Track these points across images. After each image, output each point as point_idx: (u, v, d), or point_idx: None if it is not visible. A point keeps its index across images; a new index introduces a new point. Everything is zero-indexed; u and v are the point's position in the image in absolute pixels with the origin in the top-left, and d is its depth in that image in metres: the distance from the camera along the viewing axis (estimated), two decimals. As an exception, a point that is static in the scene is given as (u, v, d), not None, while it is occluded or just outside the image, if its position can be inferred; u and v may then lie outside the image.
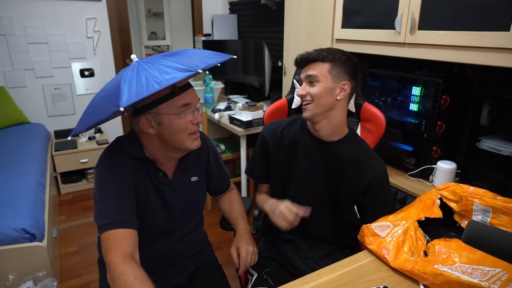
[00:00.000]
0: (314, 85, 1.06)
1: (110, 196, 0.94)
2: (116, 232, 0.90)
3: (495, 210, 0.93)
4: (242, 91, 3.17)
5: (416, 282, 0.85)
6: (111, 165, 0.97)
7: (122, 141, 1.02)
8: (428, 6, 1.33)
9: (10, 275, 1.51)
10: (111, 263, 0.85)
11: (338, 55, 1.06)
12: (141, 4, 5.07)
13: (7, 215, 1.61)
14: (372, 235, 0.99)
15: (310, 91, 1.06)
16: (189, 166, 1.12)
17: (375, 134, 1.37)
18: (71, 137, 0.90)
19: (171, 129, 0.95)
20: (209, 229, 1.36)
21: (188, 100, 0.95)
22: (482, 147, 1.30)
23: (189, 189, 1.12)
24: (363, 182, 1.11)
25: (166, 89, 0.91)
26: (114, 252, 0.86)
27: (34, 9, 2.94)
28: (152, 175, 1.03)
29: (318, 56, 1.05)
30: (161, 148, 1.01)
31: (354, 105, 1.41)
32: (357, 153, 1.13)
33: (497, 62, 1.14)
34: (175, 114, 0.93)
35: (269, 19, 2.98)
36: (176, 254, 1.13)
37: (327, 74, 1.05)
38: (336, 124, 1.11)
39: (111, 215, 0.91)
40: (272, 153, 1.22)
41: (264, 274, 1.14)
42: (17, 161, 2.24)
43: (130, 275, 0.83)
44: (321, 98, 1.06)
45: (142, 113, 0.93)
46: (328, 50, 1.07)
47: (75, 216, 2.67)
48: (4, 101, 2.91)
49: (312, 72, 1.06)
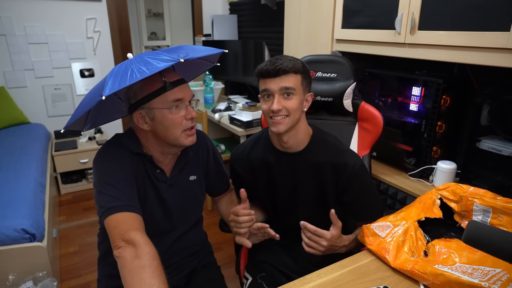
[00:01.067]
0: (291, 98, 1.01)
1: (118, 180, 0.93)
2: (132, 215, 0.89)
3: (495, 210, 0.93)
4: (242, 91, 3.17)
5: (416, 282, 0.85)
6: (113, 155, 0.98)
7: (120, 137, 1.03)
8: (428, 6, 1.33)
9: (10, 275, 1.51)
10: (139, 240, 0.83)
11: (304, 66, 1.03)
12: (141, 4, 5.07)
13: (7, 215, 1.61)
14: (372, 235, 0.99)
15: (286, 105, 1.00)
16: (187, 164, 1.12)
17: (373, 134, 1.37)
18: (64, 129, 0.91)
19: (164, 124, 0.95)
20: (209, 230, 1.36)
21: (180, 95, 0.95)
22: (482, 147, 1.30)
23: (187, 187, 1.12)
24: (341, 180, 1.08)
25: (158, 84, 0.92)
26: (139, 231, 0.86)
27: (34, 9, 2.94)
28: (149, 172, 1.03)
29: (294, 67, 0.99)
30: (156, 145, 1.02)
31: (351, 104, 1.41)
32: (327, 154, 1.10)
33: (497, 62, 1.14)
34: (167, 108, 0.94)
35: (269, 19, 2.98)
36: (172, 253, 1.12)
37: (300, 86, 1.02)
38: (303, 133, 1.09)
39: (123, 198, 0.90)
40: (247, 179, 1.20)
41: (258, 278, 1.14)
42: (17, 161, 2.24)
43: (156, 258, 0.83)
44: (296, 112, 1.02)
45: (136, 108, 0.94)
46: (294, 59, 1.02)
47: (75, 216, 2.67)
48: (4, 101, 2.91)
49: (289, 85, 1.00)
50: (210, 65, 1.23)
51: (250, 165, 1.17)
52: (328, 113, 1.46)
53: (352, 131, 1.42)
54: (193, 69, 1.21)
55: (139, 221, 0.90)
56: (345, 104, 1.40)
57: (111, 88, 0.78)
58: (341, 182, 1.09)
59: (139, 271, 0.79)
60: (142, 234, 0.86)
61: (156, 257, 0.84)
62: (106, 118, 1.12)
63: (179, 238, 1.13)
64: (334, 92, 1.40)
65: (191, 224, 1.17)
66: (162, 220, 1.08)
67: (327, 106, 1.43)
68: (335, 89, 1.40)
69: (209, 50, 0.99)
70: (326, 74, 1.46)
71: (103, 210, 0.90)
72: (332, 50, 1.86)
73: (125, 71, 0.82)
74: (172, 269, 1.13)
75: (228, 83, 3.32)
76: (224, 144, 2.86)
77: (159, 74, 0.92)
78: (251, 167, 1.17)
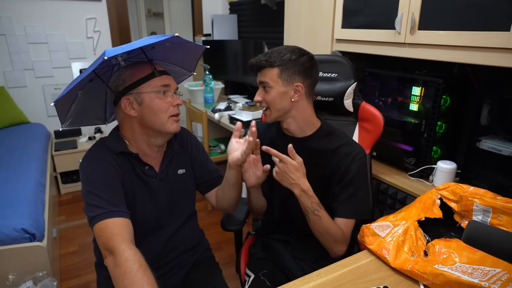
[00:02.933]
0: (268, 91, 1.09)
1: (100, 189, 0.94)
2: (113, 221, 0.90)
3: (495, 210, 0.93)
4: (242, 91, 3.17)
5: (416, 282, 0.85)
6: (95, 161, 0.99)
7: (104, 140, 1.05)
8: (428, 6, 1.33)
9: (10, 275, 1.51)
10: (116, 248, 0.85)
11: (286, 57, 1.06)
12: (141, 4, 5.07)
13: (7, 215, 1.61)
14: (372, 235, 0.99)
15: (264, 97, 1.10)
16: (174, 158, 1.14)
17: (373, 134, 1.37)
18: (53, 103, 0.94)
19: (152, 108, 0.99)
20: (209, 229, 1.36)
21: (167, 81, 1.02)
22: (482, 147, 1.30)
23: (177, 181, 1.13)
24: (341, 170, 1.10)
25: (147, 70, 1.00)
26: (117, 238, 0.87)
27: (34, 9, 2.94)
28: (137, 169, 1.04)
29: (267, 63, 1.06)
30: (143, 134, 1.03)
31: (352, 104, 1.41)
32: (332, 143, 1.13)
33: (497, 62, 1.14)
34: (155, 92, 0.99)
35: (269, 19, 2.98)
36: (169, 250, 1.12)
37: (277, 79, 1.07)
38: (303, 121, 1.13)
39: (104, 205, 0.92)
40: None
41: (261, 275, 1.14)
42: (17, 161, 2.24)
43: (136, 262, 0.83)
44: (276, 103, 1.09)
45: (123, 94, 0.98)
46: (278, 52, 1.07)
47: (75, 216, 2.67)
48: (4, 101, 2.91)
49: (263, 79, 1.08)
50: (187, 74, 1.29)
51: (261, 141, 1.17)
52: (329, 113, 1.46)
53: (353, 131, 1.42)
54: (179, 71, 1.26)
55: (120, 226, 0.90)
56: (346, 104, 1.40)
57: (113, 51, 0.84)
58: (340, 171, 1.10)
59: (121, 279, 0.81)
60: (121, 239, 0.87)
61: (137, 260, 0.84)
62: (85, 119, 1.15)
63: (175, 233, 1.14)
64: (334, 92, 1.40)
65: (184, 218, 1.17)
66: (155, 216, 1.08)
67: (328, 106, 1.43)
68: (335, 89, 1.40)
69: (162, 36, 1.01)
70: (326, 74, 1.46)
71: (89, 221, 0.93)
72: (332, 50, 1.86)
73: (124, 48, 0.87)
74: (170, 266, 1.13)
75: (228, 83, 3.32)
76: (224, 144, 2.86)
77: (149, 63, 1.01)
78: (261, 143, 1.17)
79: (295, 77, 1.07)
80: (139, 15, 5.13)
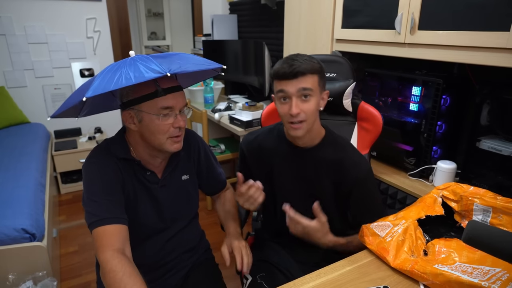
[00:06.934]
0: (308, 100, 0.99)
1: (97, 195, 0.95)
2: (105, 228, 0.91)
3: (496, 210, 0.93)
4: (242, 91, 3.17)
5: (416, 282, 0.85)
6: (96, 165, 0.99)
7: (108, 143, 1.04)
8: (428, 6, 1.33)
9: (10, 275, 1.51)
10: (101, 260, 0.87)
11: (321, 65, 1.02)
12: (141, 4, 5.07)
13: (7, 215, 1.60)
14: (372, 235, 0.99)
15: (304, 108, 0.98)
16: (179, 164, 1.13)
17: (373, 133, 1.38)
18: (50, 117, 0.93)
19: (150, 128, 0.96)
20: (209, 229, 1.36)
21: (171, 103, 0.95)
22: (482, 147, 1.30)
23: (180, 187, 1.13)
24: (347, 182, 1.09)
25: (150, 88, 0.92)
26: (103, 249, 0.88)
27: (34, 9, 2.94)
28: (139, 175, 1.04)
29: (312, 68, 0.97)
30: (144, 147, 1.03)
31: (351, 104, 1.41)
32: (337, 153, 1.10)
33: (497, 62, 1.14)
34: (155, 114, 0.94)
35: (269, 19, 2.98)
36: (168, 252, 1.13)
37: (318, 86, 1.01)
38: (315, 131, 1.09)
39: (99, 213, 0.92)
40: (252, 165, 1.21)
41: (258, 278, 1.13)
42: (17, 161, 2.24)
43: (118, 271, 0.84)
44: (313, 114, 1.01)
45: (126, 107, 0.96)
46: (306, 59, 0.99)
47: (75, 216, 2.67)
48: (4, 101, 2.91)
49: (307, 85, 0.97)
50: (213, 73, 1.22)
51: (259, 151, 1.18)
52: (328, 112, 1.46)
53: (352, 130, 1.43)
54: (193, 76, 1.21)
55: (110, 234, 0.91)
56: (345, 103, 1.40)
57: (95, 90, 0.78)
58: (344, 185, 1.10)
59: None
60: (106, 250, 0.88)
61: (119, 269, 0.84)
62: (101, 107, 1.13)
63: (174, 236, 1.14)
64: (333, 92, 1.40)
65: (185, 222, 1.17)
66: (156, 220, 1.08)
67: (327, 105, 1.41)
68: (334, 89, 1.40)
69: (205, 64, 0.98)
70: (326, 74, 1.46)
71: (88, 226, 0.94)
72: (332, 50, 1.86)
73: (115, 73, 0.82)
74: (169, 267, 1.13)
75: (228, 83, 3.32)
76: (224, 144, 2.86)
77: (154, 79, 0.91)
78: (259, 154, 1.18)
79: (325, 85, 1.06)
80: (139, 15, 5.13)
